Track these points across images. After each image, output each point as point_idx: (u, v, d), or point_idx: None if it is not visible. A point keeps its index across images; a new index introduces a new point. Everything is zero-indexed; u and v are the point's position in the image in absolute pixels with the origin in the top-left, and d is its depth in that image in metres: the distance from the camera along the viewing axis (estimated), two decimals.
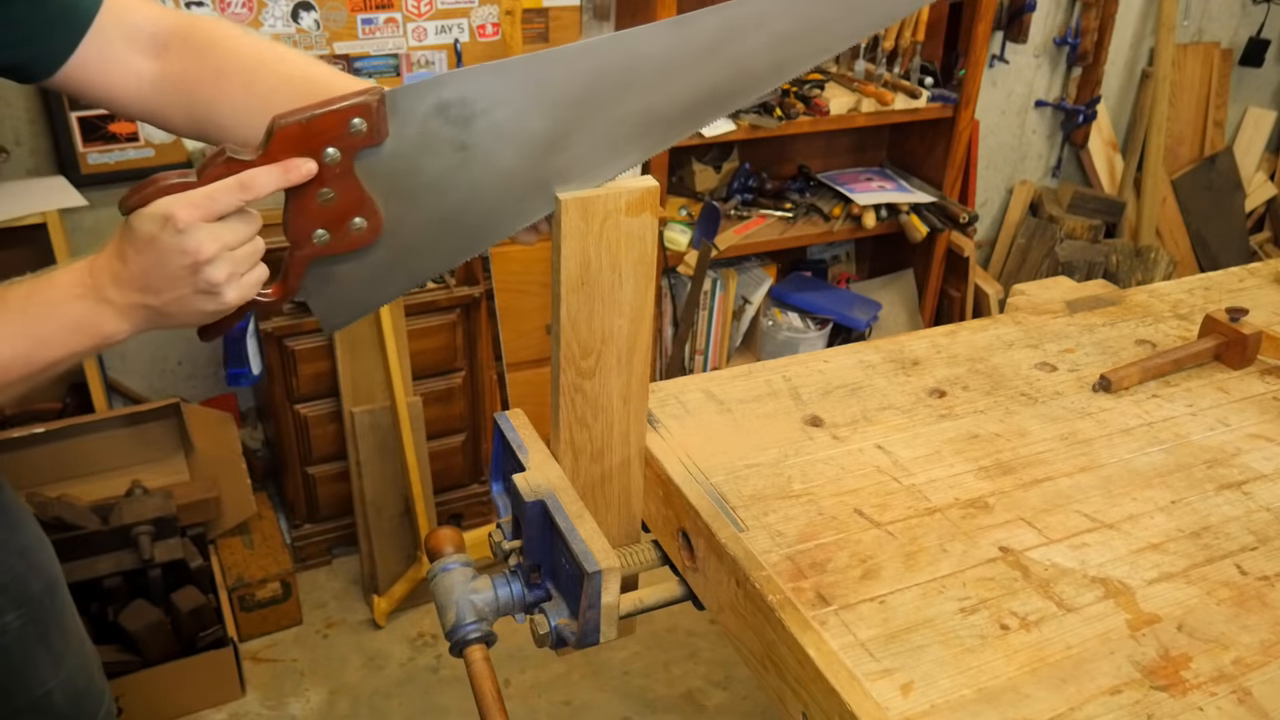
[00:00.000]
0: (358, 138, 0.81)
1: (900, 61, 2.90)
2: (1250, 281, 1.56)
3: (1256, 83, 3.92)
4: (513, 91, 0.84)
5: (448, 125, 0.83)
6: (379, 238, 0.86)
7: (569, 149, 0.87)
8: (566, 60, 0.84)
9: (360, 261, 0.88)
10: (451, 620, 0.93)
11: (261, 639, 2.43)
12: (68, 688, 1.27)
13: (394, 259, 0.89)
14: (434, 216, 0.88)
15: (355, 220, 0.85)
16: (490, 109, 0.83)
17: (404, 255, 0.89)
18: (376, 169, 0.84)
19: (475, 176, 0.86)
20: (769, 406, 1.19)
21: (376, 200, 0.85)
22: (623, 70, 0.85)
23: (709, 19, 0.85)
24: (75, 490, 2.32)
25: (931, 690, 0.81)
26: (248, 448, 2.63)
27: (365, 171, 0.83)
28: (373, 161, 0.83)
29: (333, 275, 0.88)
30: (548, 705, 2.29)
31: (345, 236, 0.85)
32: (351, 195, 0.84)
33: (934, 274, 3.17)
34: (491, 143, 0.85)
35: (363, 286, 0.90)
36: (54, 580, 1.26)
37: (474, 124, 0.84)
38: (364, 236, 0.86)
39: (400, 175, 0.85)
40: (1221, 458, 1.13)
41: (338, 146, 0.81)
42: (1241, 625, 0.90)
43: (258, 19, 2.42)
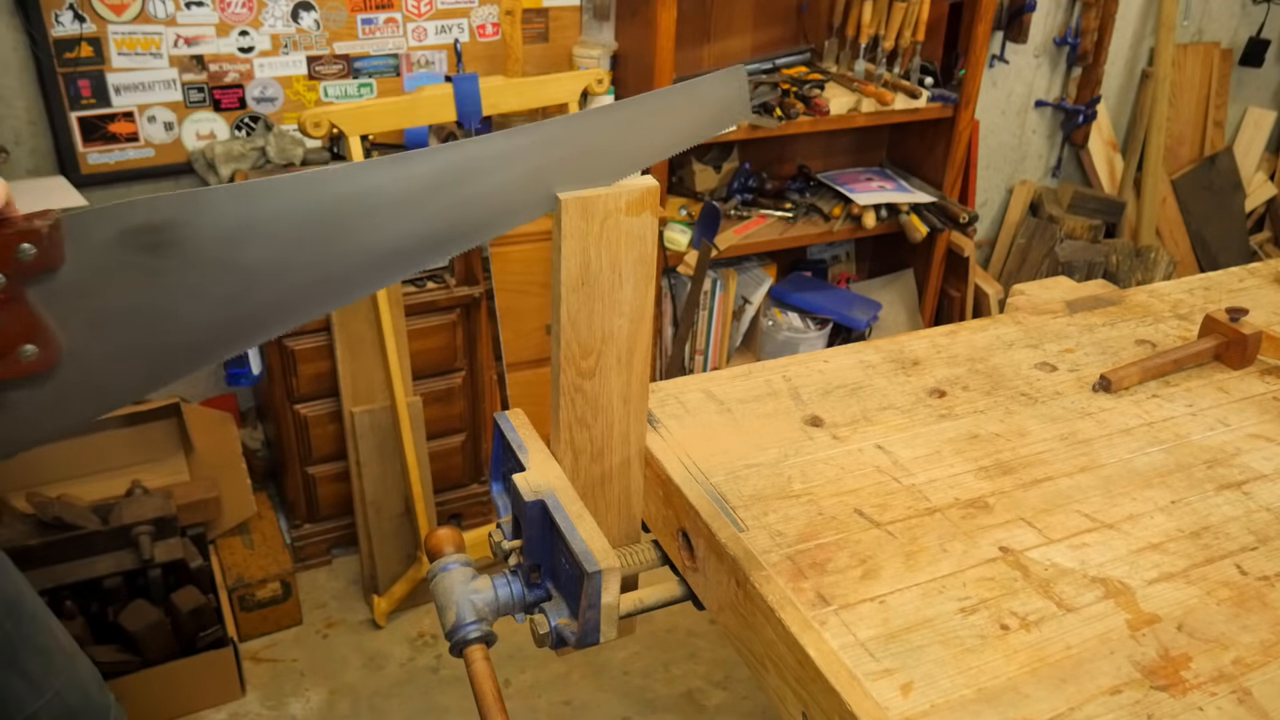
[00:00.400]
0: (26, 263, 0.76)
1: (900, 61, 2.90)
2: (1250, 281, 1.56)
3: (1256, 83, 3.92)
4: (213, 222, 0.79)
5: (136, 253, 0.77)
6: (55, 366, 0.80)
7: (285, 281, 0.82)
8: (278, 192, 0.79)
9: (35, 389, 0.81)
10: (451, 620, 0.93)
11: (261, 639, 2.43)
12: (56, 709, 1.24)
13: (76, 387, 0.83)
14: (122, 344, 0.81)
15: (25, 348, 0.78)
16: (186, 239, 0.78)
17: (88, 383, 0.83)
18: (54, 294, 0.78)
19: (170, 306, 0.80)
20: (769, 406, 1.19)
21: (52, 327, 0.79)
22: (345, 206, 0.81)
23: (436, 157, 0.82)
24: (75, 490, 2.32)
25: (931, 690, 0.81)
26: (248, 448, 2.63)
27: (40, 297, 0.78)
28: (49, 286, 0.78)
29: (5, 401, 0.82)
30: (548, 705, 2.29)
31: (13, 364, 0.79)
32: (21, 321, 0.78)
33: (934, 274, 3.17)
34: (188, 273, 0.79)
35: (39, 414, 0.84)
36: (13, 600, 1.23)
37: (166, 253, 0.78)
38: (35, 365, 0.79)
39: (81, 302, 0.79)
40: (1221, 458, 1.13)
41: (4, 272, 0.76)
42: (1241, 625, 0.90)
43: (258, 19, 2.42)
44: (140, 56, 2.35)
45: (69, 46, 2.27)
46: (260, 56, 2.46)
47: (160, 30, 2.34)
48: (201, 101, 2.45)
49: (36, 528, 2.13)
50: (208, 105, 2.46)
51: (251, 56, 2.45)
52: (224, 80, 2.45)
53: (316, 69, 2.53)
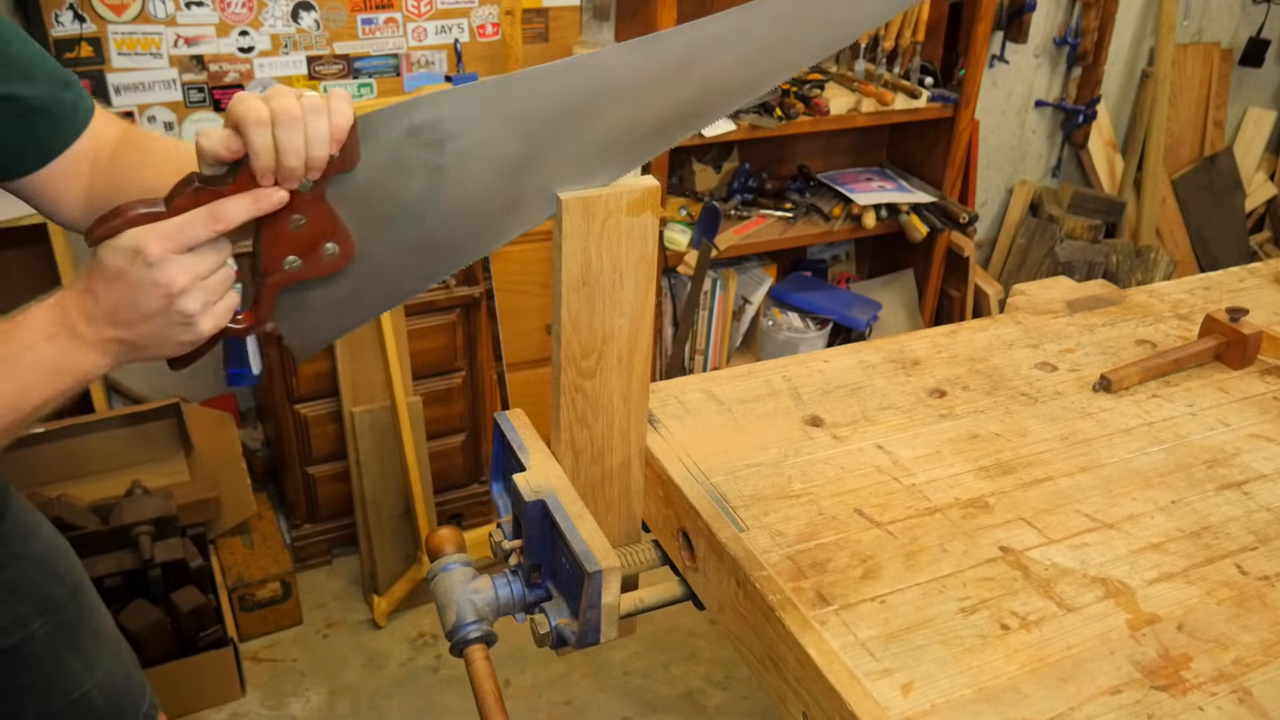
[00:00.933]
0: (330, 165, 0.80)
1: (900, 61, 2.90)
2: (1250, 281, 1.56)
3: (1256, 83, 3.92)
4: (484, 114, 0.83)
5: (420, 149, 0.83)
6: (351, 263, 0.85)
7: (541, 169, 0.87)
8: (536, 83, 0.84)
9: (332, 286, 0.87)
10: (451, 620, 0.93)
11: (261, 639, 2.43)
12: (106, 686, 1.28)
13: (366, 283, 0.88)
14: (407, 240, 0.87)
15: (327, 246, 0.84)
16: (462, 132, 0.83)
17: (376, 279, 0.88)
18: (348, 194, 0.83)
19: (448, 199, 0.86)
20: (769, 406, 1.19)
21: (348, 225, 0.84)
22: (592, 91, 0.85)
23: (675, 39, 0.85)
24: (75, 490, 2.32)
25: (931, 690, 0.81)
26: (248, 448, 2.63)
27: (337, 197, 0.82)
28: (345, 187, 0.82)
29: (304, 301, 0.87)
30: (548, 705, 2.29)
31: (317, 262, 0.84)
32: (323, 221, 0.83)
33: (934, 274, 3.17)
34: (464, 165, 0.84)
35: (335, 311, 0.89)
36: (77, 583, 1.27)
37: (446, 147, 0.83)
38: (336, 262, 0.85)
39: (373, 200, 0.84)
40: (1221, 458, 1.13)
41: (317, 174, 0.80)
42: (1241, 625, 0.90)
43: (258, 19, 2.42)
44: (140, 56, 2.35)
45: (69, 46, 2.27)
46: (260, 56, 2.46)
47: (160, 30, 2.34)
48: (201, 101, 2.45)
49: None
50: (208, 105, 2.46)
51: (251, 56, 2.45)
52: (224, 80, 2.45)
53: (316, 69, 2.53)
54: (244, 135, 0.77)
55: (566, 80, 0.85)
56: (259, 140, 0.77)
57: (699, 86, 0.88)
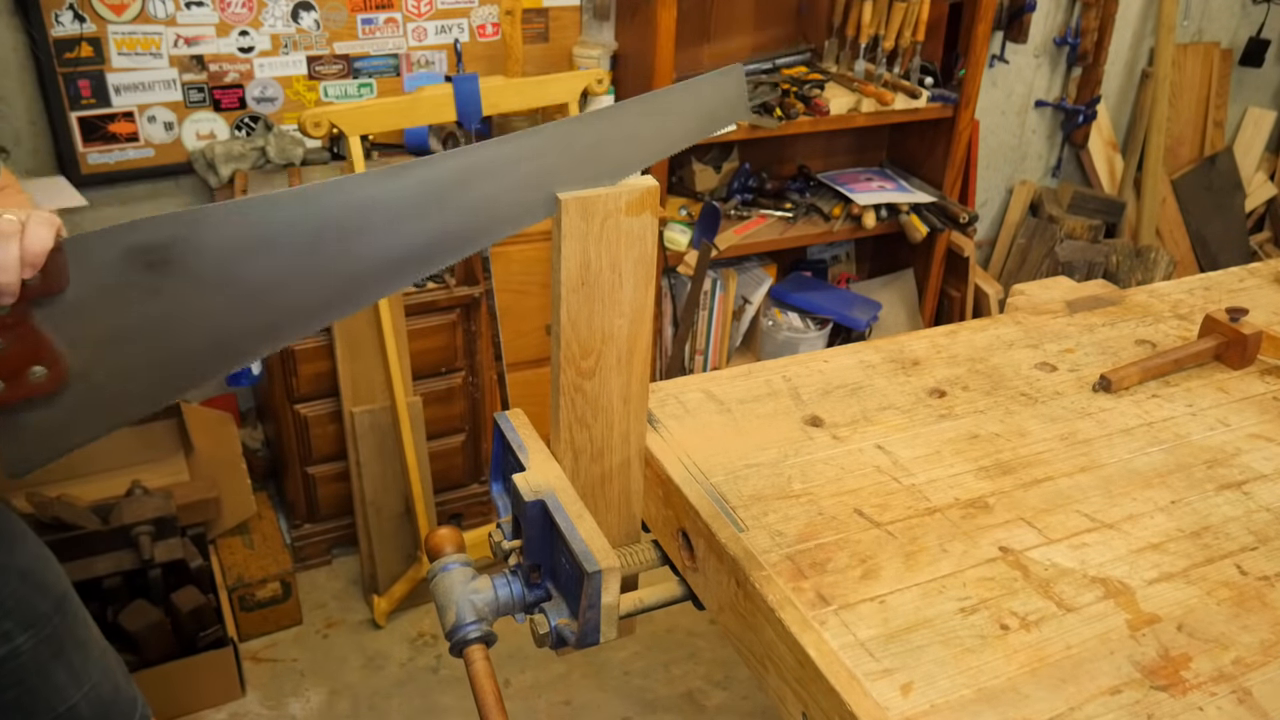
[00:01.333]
0: (31, 289, 0.77)
1: (900, 61, 2.90)
2: (1250, 281, 1.56)
3: (1256, 83, 3.92)
4: (213, 239, 0.79)
5: (140, 272, 0.78)
6: (64, 385, 0.81)
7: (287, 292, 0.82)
8: (272, 208, 0.80)
9: (48, 408, 0.82)
10: (451, 620, 0.93)
11: (261, 639, 2.43)
12: (93, 699, 1.27)
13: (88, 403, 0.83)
14: (129, 362, 0.82)
15: (34, 369, 0.79)
16: (188, 255, 0.79)
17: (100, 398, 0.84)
18: (60, 316, 0.79)
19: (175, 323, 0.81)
20: (769, 406, 1.19)
21: (60, 347, 0.80)
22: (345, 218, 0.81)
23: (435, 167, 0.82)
24: (75, 490, 2.32)
25: (931, 690, 0.81)
26: (248, 448, 2.63)
27: (46, 319, 0.79)
28: (55, 309, 0.79)
29: (18, 422, 0.82)
30: (548, 705, 2.29)
31: (23, 385, 0.80)
32: (28, 343, 0.79)
33: (934, 274, 3.17)
34: (193, 289, 0.80)
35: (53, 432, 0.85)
36: (62, 596, 1.26)
37: (170, 270, 0.79)
38: (44, 385, 0.80)
39: (90, 321, 0.80)
40: (1221, 458, 1.13)
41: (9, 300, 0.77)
42: (1241, 625, 0.90)
43: (258, 19, 2.42)
44: (140, 56, 2.35)
45: (69, 46, 2.27)
46: (260, 56, 2.46)
47: (160, 30, 2.34)
48: (201, 101, 2.45)
49: (36, 528, 2.13)
50: (208, 105, 2.46)
51: (251, 56, 2.45)
52: (224, 80, 2.45)
53: (316, 69, 2.53)
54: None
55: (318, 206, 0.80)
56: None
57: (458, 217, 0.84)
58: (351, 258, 0.83)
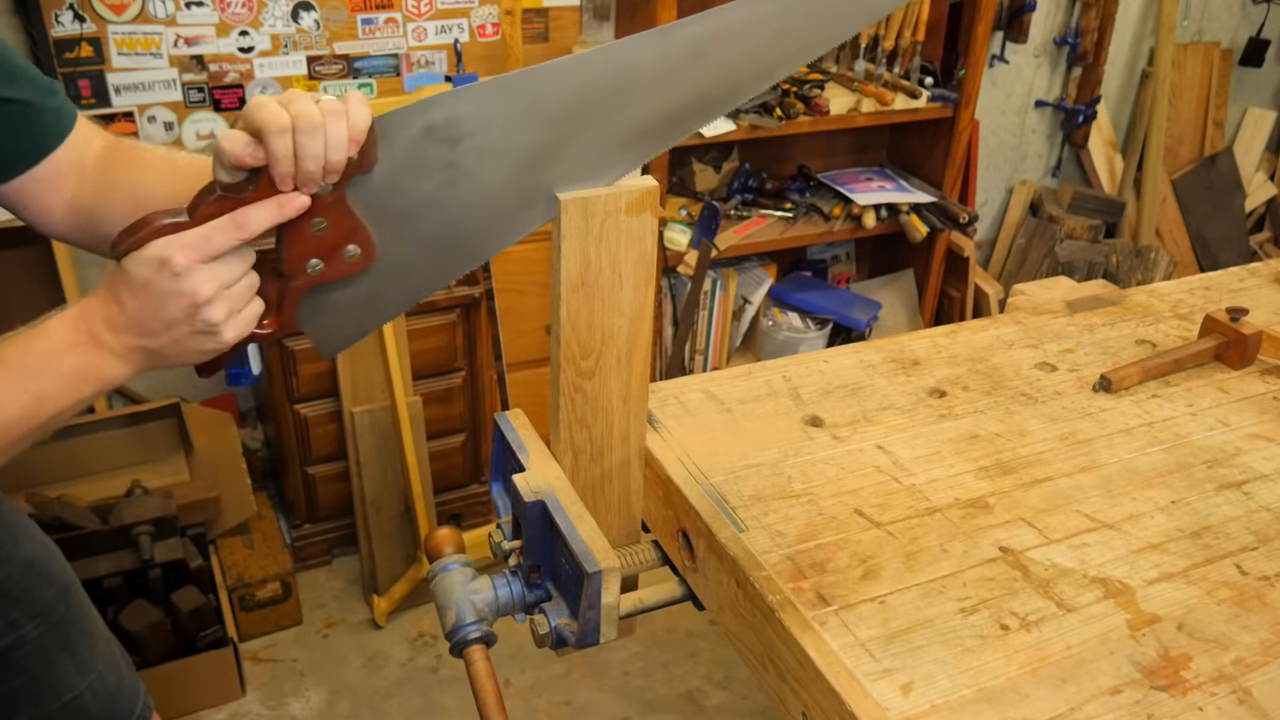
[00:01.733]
0: (349, 167, 0.81)
1: (900, 61, 2.90)
2: (1250, 281, 1.56)
3: (1256, 83, 3.92)
4: (499, 110, 0.83)
5: (436, 147, 0.83)
6: (372, 263, 0.86)
7: (559, 163, 0.87)
8: (551, 77, 0.84)
9: (354, 287, 0.87)
10: (451, 620, 0.93)
11: (261, 639, 2.43)
12: (98, 689, 1.27)
13: (388, 281, 0.89)
14: (426, 237, 0.87)
15: (349, 248, 0.85)
16: (478, 129, 0.83)
17: (398, 277, 0.89)
18: (368, 195, 0.83)
19: (466, 195, 0.86)
20: (769, 406, 1.19)
21: (369, 226, 0.85)
22: (608, 84, 0.85)
23: (691, 28, 0.85)
24: (75, 490, 2.32)
25: (931, 690, 0.81)
26: (248, 448, 2.63)
27: (356, 198, 0.83)
28: (363, 188, 0.83)
29: (328, 303, 0.88)
30: (548, 705, 2.29)
31: (339, 264, 0.85)
32: (344, 223, 0.83)
33: (934, 274, 3.17)
34: (480, 161, 0.85)
35: (358, 311, 0.90)
36: (67, 585, 1.26)
37: (462, 144, 0.83)
38: (358, 263, 0.85)
39: (391, 200, 0.84)
40: (1221, 458, 1.13)
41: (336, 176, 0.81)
42: (1241, 625, 0.90)
43: (258, 19, 2.42)
44: (140, 56, 2.35)
45: (69, 46, 2.27)
46: (260, 56, 2.46)
47: (160, 30, 2.34)
48: (202, 101, 2.45)
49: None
50: (208, 105, 2.46)
51: (251, 56, 2.45)
52: (224, 80, 2.45)
53: (316, 69, 2.53)
54: (264, 141, 0.77)
55: (585, 73, 0.85)
56: (280, 147, 0.77)
57: (714, 75, 0.87)
58: (619, 119, 0.86)
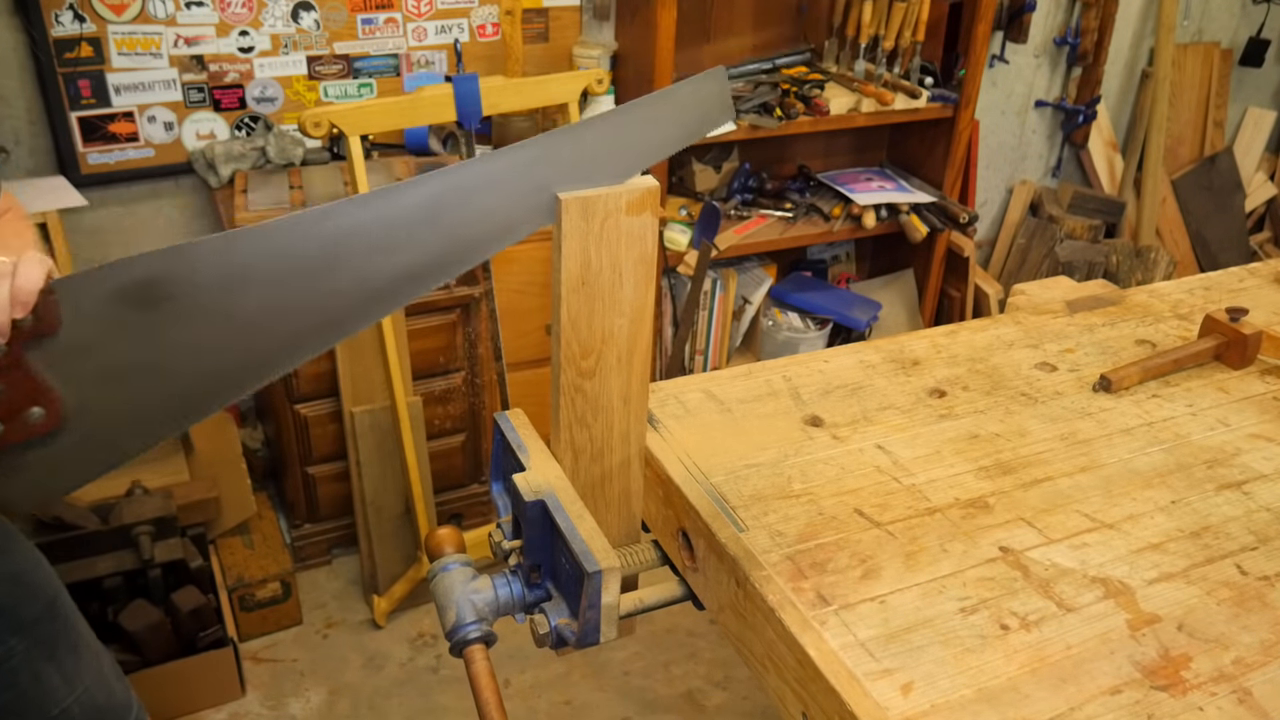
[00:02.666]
0: (24, 330, 0.78)
1: (900, 61, 2.90)
2: (1250, 281, 1.56)
3: (1256, 83, 3.92)
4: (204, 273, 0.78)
5: (131, 310, 0.78)
6: (62, 424, 0.82)
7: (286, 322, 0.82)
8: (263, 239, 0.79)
9: (46, 449, 0.83)
10: (451, 620, 0.93)
11: (261, 639, 2.43)
12: (85, 703, 1.26)
13: (84, 443, 0.84)
14: (126, 399, 0.83)
15: (32, 410, 0.80)
16: (180, 291, 0.78)
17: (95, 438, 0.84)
18: (55, 356, 0.80)
19: (169, 359, 0.81)
20: (769, 406, 1.19)
21: (57, 388, 0.80)
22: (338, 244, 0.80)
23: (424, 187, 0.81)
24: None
25: (931, 690, 0.81)
26: (248, 448, 2.63)
27: (42, 360, 0.80)
28: (49, 349, 0.80)
29: (17, 463, 0.84)
30: (548, 705, 2.29)
31: (21, 427, 0.81)
32: (25, 385, 0.80)
33: (934, 274, 3.16)
34: (188, 324, 0.80)
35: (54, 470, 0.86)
36: (53, 598, 1.25)
37: (163, 307, 0.78)
38: (43, 425, 0.81)
39: (85, 361, 0.80)
40: (1221, 458, 1.13)
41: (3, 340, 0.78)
42: (1241, 625, 0.90)
43: (258, 19, 2.42)
44: (140, 56, 2.35)
45: (69, 46, 2.27)
46: (260, 56, 2.46)
47: (160, 30, 2.34)
48: (201, 101, 2.45)
49: (36, 528, 2.13)
50: (208, 105, 2.46)
51: (251, 56, 2.45)
52: (224, 80, 2.45)
53: (316, 69, 2.53)
54: None
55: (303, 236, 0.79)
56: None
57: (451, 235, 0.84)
58: (348, 281, 0.81)
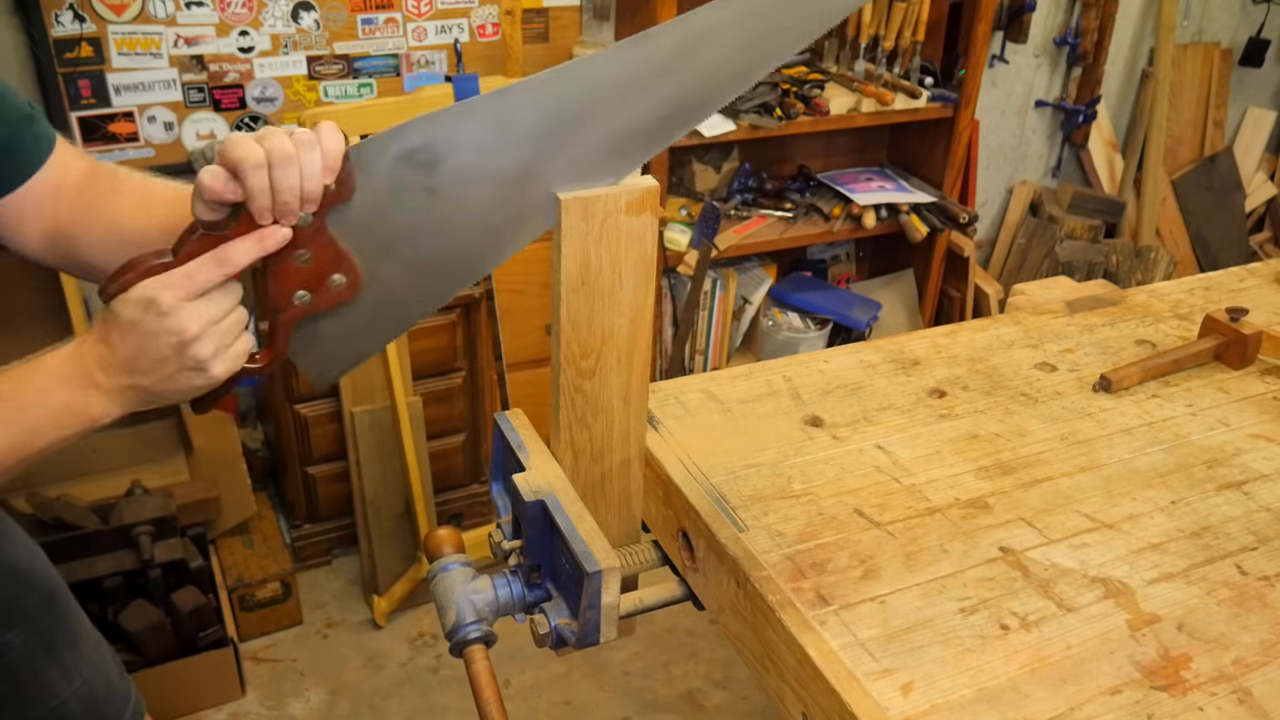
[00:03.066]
0: (327, 196, 0.81)
1: (900, 61, 2.90)
2: (1250, 281, 1.56)
3: (1256, 83, 3.92)
4: (476, 132, 0.83)
5: (414, 172, 0.83)
6: (359, 291, 0.86)
7: (541, 178, 0.86)
8: (526, 95, 0.84)
9: (344, 316, 0.88)
10: (451, 620, 0.92)
11: (261, 639, 2.43)
12: (84, 695, 1.26)
13: (378, 308, 0.89)
14: (412, 262, 0.88)
15: (334, 277, 0.85)
16: (455, 151, 0.83)
17: (387, 304, 0.89)
18: (349, 224, 0.84)
19: (448, 218, 0.86)
20: (769, 406, 1.19)
21: (353, 254, 0.85)
22: (583, 98, 0.85)
23: (664, 36, 0.85)
24: (75, 490, 2.32)
25: (931, 690, 0.81)
26: (248, 448, 2.63)
27: (338, 228, 0.84)
28: (344, 217, 0.83)
29: (318, 333, 0.88)
30: (548, 705, 2.29)
31: (326, 294, 0.85)
32: (327, 253, 0.84)
33: (934, 274, 3.16)
34: (460, 184, 0.85)
35: (350, 339, 0.90)
36: (51, 590, 1.25)
37: (440, 168, 0.83)
38: (344, 292, 0.86)
39: (373, 227, 0.85)
40: (1221, 458, 1.13)
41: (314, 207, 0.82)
42: (1241, 625, 0.90)
43: (258, 19, 2.42)
44: (140, 56, 2.35)
45: (69, 46, 2.27)
46: (260, 56, 2.46)
47: (160, 30, 2.34)
48: (201, 101, 2.45)
49: (36, 528, 2.13)
50: (208, 105, 2.46)
51: (251, 56, 2.45)
52: (224, 80, 2.45)
53: (316, 69, 2.53)
54: (240, 177, 0.78)
55: (559, 88, 0.84)
56: (256, 182, 0.78)
57: (692, 81, 0.87)
58: (597, 133, 0.86)
